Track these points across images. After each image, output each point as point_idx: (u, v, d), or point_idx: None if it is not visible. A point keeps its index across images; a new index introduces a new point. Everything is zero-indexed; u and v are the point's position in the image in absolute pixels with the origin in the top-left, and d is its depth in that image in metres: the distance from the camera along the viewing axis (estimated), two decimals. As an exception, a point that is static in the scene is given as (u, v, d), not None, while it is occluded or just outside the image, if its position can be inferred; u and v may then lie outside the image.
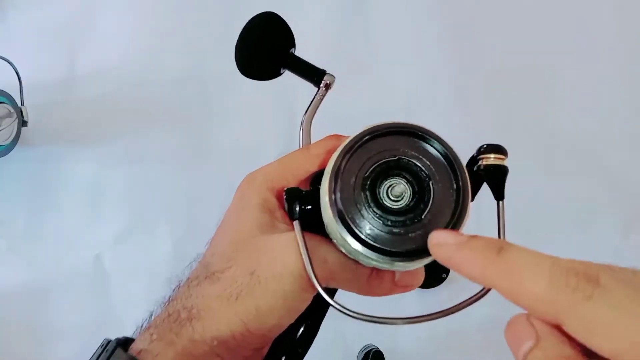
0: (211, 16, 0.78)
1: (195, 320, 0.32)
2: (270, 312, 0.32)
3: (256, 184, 0.35)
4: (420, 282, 0.35)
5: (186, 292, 0.34)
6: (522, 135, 0.71)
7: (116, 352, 0.32)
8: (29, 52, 0.77)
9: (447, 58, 0.75)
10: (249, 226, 0.34)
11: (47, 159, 0.73)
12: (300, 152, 0.37)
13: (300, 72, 0.39)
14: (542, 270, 0.21)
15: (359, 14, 0.77)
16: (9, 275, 0.69)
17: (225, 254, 0.34)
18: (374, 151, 0.30)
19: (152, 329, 0.33)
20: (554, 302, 0.20)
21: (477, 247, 0.23)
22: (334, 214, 0.28)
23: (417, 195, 0.29)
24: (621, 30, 0.76)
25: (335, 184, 0.29)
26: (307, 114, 0.39)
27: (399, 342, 0.64)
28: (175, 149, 0.73)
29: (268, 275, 0.32)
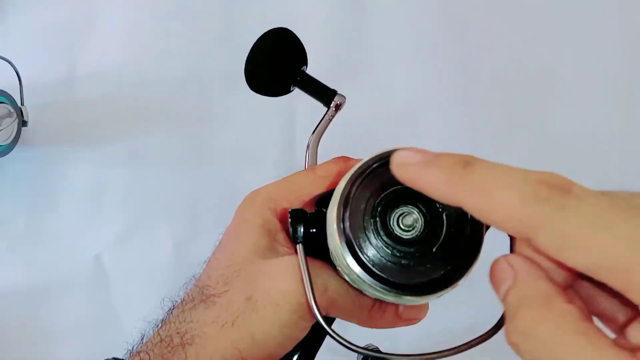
0: (211, 16, 0.78)
1: (188, 346, 0.31)
2: (267, 341, 0.30)
3: (257, 204, 0.34)
4: (425, 314, 0.34)
5: (180, 315, 0.33)
6: (522, 136, 0.71)
7: None
8: (29, 52, 0.77)
9: (448, 59, 0.75)
10: (247, 249, 0.32)
11: (47, 159, 0.73)
12: (306, 173, 0.35)
13: (311, 91, 0.39)
14: (513, 183, 0.20)
15: (359, 15, 0.77)
16: (9, 276, 0.69)
17: (222, 277, 0.32)
18: (386, 178, 0.28)
19: (144, 355, 0.32)
20: (525, 216, 0.19)
21: (443, 163, 0.21)
22: (342, 242, 0.27)
23: (430, 225, 0.28)
24: (622, 30, 0.76)
25: (344, 211, 0.28)
26: (314, 134, 0.38)
27: (399, 342, 0.64)
28: (175, 149, 0.73)
29: (265, 302, 0.30)
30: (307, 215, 0.31)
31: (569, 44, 0.75)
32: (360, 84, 0.73)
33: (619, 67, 0.74)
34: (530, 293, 0.20)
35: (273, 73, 0.39)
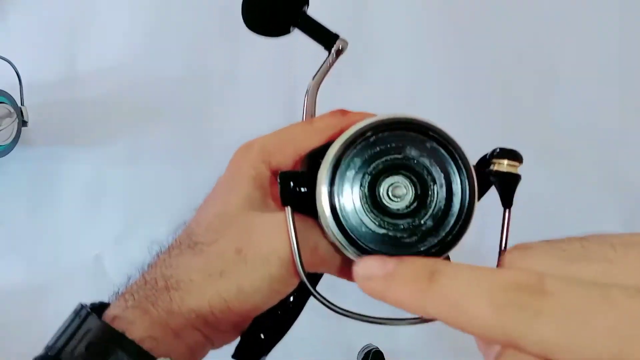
0: (211, 16, 0.78)
1: (173, 290, 0.31)
2: (254, 293, 0.30)
3: (252, 155, 0.34)
4: None
5: (167, 260, 0.32)
6: (522, 133, 0.71)
7: (89, 319, 0.30)
8: (29, 52, 0.77)
9: (449, 55, 0.75)
10: (239, 200, 0.32)
11: (47, 158, 0.73)
12: (302, 125, 0.34)
13: (311, 33, 0.37)
14: (482, 292, 0.19)
15: (359, 11, 0.77)
16: (9, 275, 0.69)
17: (212, 226, 0.32)
18: (379, 146, 0.27)
19: (128, 295, 0.32)
20: (501, 327, 0.18)
21: (406, 277, 0.21)
22: (327, 207, 0.27)
23: (419, 198, 0.27)
24: (623, 28, 0.76)
25: (333, 176, 0.27)
26: (314, 80, 0.36)
27: (399, 342, 0.64)
28: (175, 148, 0.73)
29: (255, 256, 0.30)
30: (297, 176, 0.30)
31: (570, 39, 0.75)
32: (361, 79, 0.73)
33: (620, 64, 0.74)
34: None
35: (272, 10, 0.37)
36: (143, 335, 0.30)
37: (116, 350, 0.29)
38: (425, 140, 0.27)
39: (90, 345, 0.29)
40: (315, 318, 0.65)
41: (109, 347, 0.29)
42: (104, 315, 0.31)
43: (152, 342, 0.30)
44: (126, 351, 0.29)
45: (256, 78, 0.74)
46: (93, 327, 0.30)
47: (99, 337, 0.29)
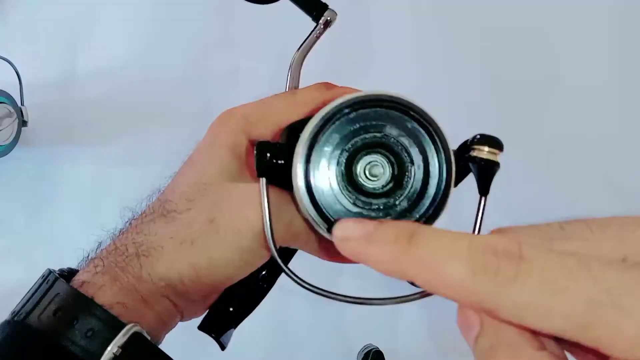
0: (211, 16, 0.78)
1: (143, 257, 0.30)
2: (225, 264, 0.30)
3: (231, 125, 0.33)
4: None
5: (138, 226, 0.32)
6: (521, 135, 0.71)
7: (57, 284, 0.30)
8: (29, 52, 0.77)
9: (447, 58, 0.75)
10: (215, 170, 0.32)
11: (47, 159, 0.73)
12: (285, 97, 0.34)
13: (300, 2, 0.36)
14: (459, 254, 0.19)
15: (358, 13, 0.77)
16: (9, 275, 0.69)
17: (186, 194, 0.32)
18: (358, 122, 0.27)
19: (97, 261, 0.32)
20: (477, 291, 0.18)
21: (386, 237, 0.20)
22: (303, 184, 0.27)
23: (396, 178, 0.27)
24: (621, 31, 0.76)
25: (309, 152, 0.26)
26: (299, 51, 0.35)
27: (399, 342, 0.64)
28: (175, 148, 0.72)
29: (227, 227, 0.30)
30: (275, 148, 0.29)
31: (569, 43, 0.75)
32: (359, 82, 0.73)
33: (618, 67, 0.74)
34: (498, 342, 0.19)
35: None
36: (112, 301, 0.29)
37: (85, 315, 0.28)
38: (406, 119, 0.27)
39: (58, 310, 0.29)
40: (315, 318, 0.65)
41: (77, 312, 0.28)
42: (73, 280, 0.31)
43: (121, 308, 0.29)
44: (94, 316, 0.28)
45: (256, 78, 0.74)
46: (61, 292, 0.29)
47: (67, 302, 0.29)
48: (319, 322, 0.65)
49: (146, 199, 0.34)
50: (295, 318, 0.65)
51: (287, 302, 0.64)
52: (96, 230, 0.72)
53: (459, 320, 0.21)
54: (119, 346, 0.28)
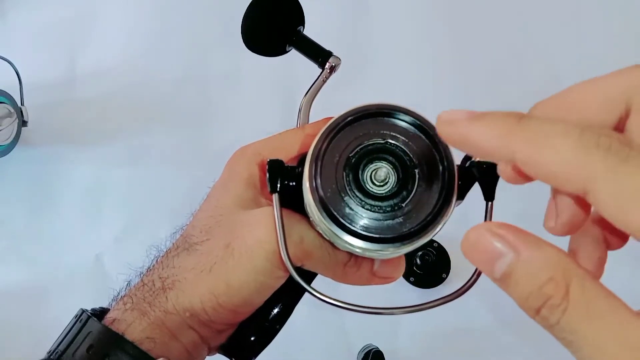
0: (211, 16, 0.78)
1: (169, 290, 0.32)
2: (241, 287, 0.31)
3: (245, 158, 0.35)
4: (400, 274, 0.34)
5: (164, 262, 0.33)
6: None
7: (89, 322, 0.31)
8: (29, 52, 0.77)
9: (450, 56, 0.75)
10: (231, 200, 0.33)
11: (47, 159, 0.73)
12: (295, 131, 0.36)
13: (306, 52, 0.38)
14: (571, 132, 0.18)
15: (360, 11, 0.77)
16: (9, 275, 0.69)
17: (205, 227, 0.33)
18: (359, 133, 0.28)
19: (127, 298, 0.33)
20: (585, 165, 0.17)
21: (494, 117, 0.20)
22: (314, 196, 0.28)
23: (401, 181, 0.28)
24: (622, 31, 0.76)
25: (316, 167, 0.28)
26: (307, 95, 0.37)
27: (399, 342, 0.64)
28: (175, 148, 0.73)
29: (242, 250, 0.31)
30: (286, 167, 0.30)
31: (572, 43, 0.75)
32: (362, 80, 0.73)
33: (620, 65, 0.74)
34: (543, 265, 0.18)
35: (270, 31, 0.39)
36: (141, 337, 0.30)
37: (116, 351, 0.29)
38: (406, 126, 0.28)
39: (90, 347, 0.30)
40: (315, 318, 0.65)
41: (109, 349, 0.30)
42: (105, 319, 0.32)
43: (150, 343, 0.30)
44: (125, 352, 0.29)
45: (256, 79, 0.74)
46: (93, 330, 0.31)
47: (99, 340, 0.30)
48: (319, 322, 0.65)
49: (171, 236, 0.36)
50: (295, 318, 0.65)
51: (287, 302, 0.64)
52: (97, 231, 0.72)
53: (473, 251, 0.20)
54: None
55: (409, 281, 0.64)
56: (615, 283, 0.20)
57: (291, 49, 0.39)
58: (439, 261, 0.64)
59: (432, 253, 0.63)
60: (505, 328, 0.64)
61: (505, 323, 0.64)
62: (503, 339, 0.64)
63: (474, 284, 0.30)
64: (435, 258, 0.63)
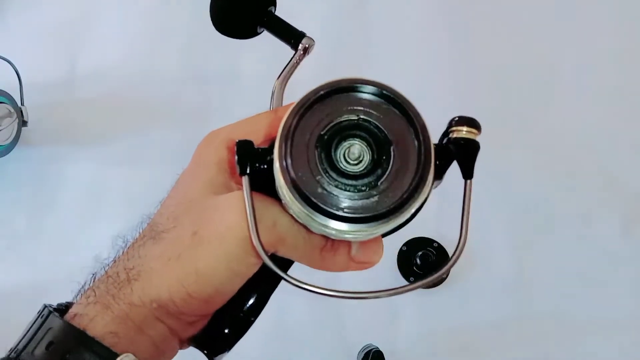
0: (211, 16, 0.78)
1: (134, 281, 0.30)
2: (212, 275, 0.29)
3: (215, 143, 0.33)
4: (379, 258, 0.32)
5: (129, 252, 0.32)
6: (522, 134, 0.71)
7: (50, 318, 0.30)
8: (29, 52, 0.77)
9: (449, 56, 0.75)
10: (200, 185, 0.31)
11: (47, 159, 0.73)
12: (266, 114, 0.34)
13: (278, 33, 0.37)
14: None
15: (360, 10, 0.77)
16: (9, 275, 0.69)
17: (173, 214, 0.31)
18: (331, 109, 0.27)
19: (90, 292, 0.31)
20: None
21: None
22: (284, 175, 0.26)
23: (376, 159, 0.27)
24: (621, 30, 0.76)
25: (286, 146, 0.26)
26: (279, 78, 0.36)
27: (399, 342, 0.64)
28: (175, 148, 0.73)
29: (211, 236, 0.29)
30: (255, 149, 0.29)
31: (572, 41, 0.75)
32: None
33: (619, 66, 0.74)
34: None
35: (239, 12, 0.37)
36: (104, 331, 0.29)
37: (77, 348, 0.28)
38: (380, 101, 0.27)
39: (50, 344, 0.29)
40: (315, 318, 0.65)
41: (69, 346, 0.28)
42: (67, 314, 0.30)
43: (113, 338, 0.29)
44: (87, 349, 0.28)
45: (256, 78, 0.74)
46: (54, 326, 0.29)
47: (59, 336, 0.29)
48: (319, 322, 0.65)
49: (137, 226, 0.34)
50: (295, 318, 0.65)
51: (287, 302, 0.64)
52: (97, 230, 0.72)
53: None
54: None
55: (409, 281, 0.64)
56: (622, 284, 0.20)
57: (263, 31, 0.37)
58: (439, 261, 0.64)
59: (432, 253, 0.63)
60: (506, 328, 0.64)
61: (506, 323, 0.64)
62: (503, 339, 0.64)
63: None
64: (435, 258, 0.63)
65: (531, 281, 0.65)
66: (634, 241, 0.67)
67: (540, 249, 0.66)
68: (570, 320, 0.63)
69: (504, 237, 0.66)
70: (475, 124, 0.27)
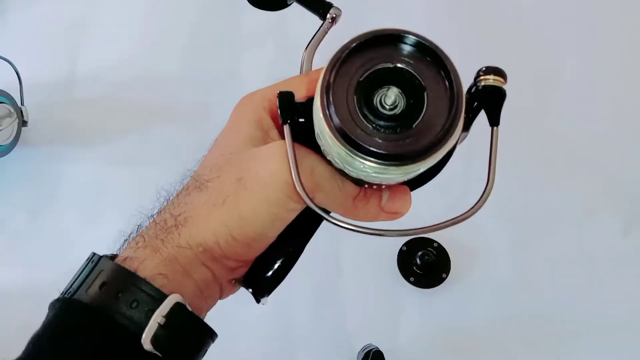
0: (211, 16, 0.78)
1: (181, 226, 0.32)
2: (255, 218, 0.31)
3: (253, 104, 0.35)
4: (408, 209, 0.34)
5: (175, 201, 0.34)
6: (522, 135, 0.71)
7: (101, 262, 0.32)
8: (29, 52, 0.77)
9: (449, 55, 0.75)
10: (241, 139, 0.33)
11: (47, 159, 0.73)
12: (299, 77, 0.36)
13: (307, 4, 0.39)
14: None
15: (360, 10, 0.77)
16: (9, 275, 0.69)
17: (215, 165, 0.33)
18: (366, 59, 0.28)
19: (138, 238, 0.33)
20: None
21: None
22: (328, 123, 0.28)
23: (411, 104, 0.28)
24: (622, 31, 0.76)
25: (327, 96, 0.28)
26: (309, 47, 0.38)
27: (399, 342, 0.64)
28: (175, 148, 0.73)
29: (254, 181, 0.31)
30: (296, 103, 0.31)
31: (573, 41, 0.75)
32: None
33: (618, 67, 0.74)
34: None
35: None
36: (154, 273, 0.30)
37: (129, 287, 0.30)
38: (414, 50, 0.29)
39: (103, 284, 0.30)
40: (315, 318, 0.65)
41: (122, 285, 0.30)
42: (117, 258, 0.32)
43: (162, 279, 0.30)
44: (138, 288, 0.30)
45: (256, 78, 0.74)
46: (105, 268, 0.31)
47: (112, 277, 0.31)
48: (319, 322, 0.65)
49: (181, 180, 0.36)
50: (295, 318, 0.65)
51: (287, 302, 0.64)
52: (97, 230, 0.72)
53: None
54: (162, 315, 0.29)
55: (409, 281, 0.64)
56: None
57: (292, 2, 0.39)
58: (439, 261, 0.64)
59: (432, 253, 0.63)
60: (506, 328, 0.64)
61: (505, 323, 0.64)
62: (503, 339, 0.64)
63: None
64: (435, 258, 0.63)
65: (531, 281, 0.65)
66: (634, 241, 0.67)
67: (540, 249, 0.66)
68: (570, 320, 0.63)
69: (504, 237, 0.66)
70: (502, 73, 0.29)
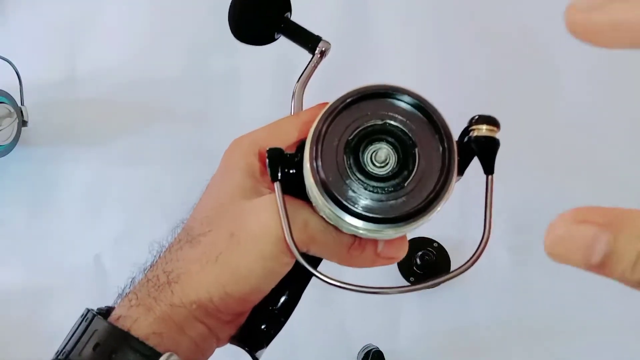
0: (211, 16, 0.78)
1: (174, 284, 0.32)
2: (249, 274, 0.31)
3: (242, 149, 0.35)
4: (404, 254, 0.34)
5: (167, 256, 0.34)
6: (521, 134, 0.71)
7: (95, 321, 0.31)
8: (29, 52, 0.77)
9: (449, 55, 0.75)
10: (231, 190, 0.33)
11: (47, 159, 0.73)
12: (290, 119, 0.36)
13: (295, 38, 0.38)
14: None
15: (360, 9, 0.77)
16: (9, 275, 0.69)
17: (207, 219, 0.33)
18: (358, 115, 0.28)
19: (131, 295, 0.33)
20: None
21: None
22: (316, 179, 0.28)
23: (402, 161, 0.28)
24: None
25: (316, 149, 0.28)
26: (299, 82, 0.38)
27: (399, 342, 0.64)
28: (175, 148, 0.73)
29: (247, 237, 0.31)
30: (286, 155, 0.31)
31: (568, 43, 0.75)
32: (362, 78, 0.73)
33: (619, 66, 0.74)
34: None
35: (257, 19, 0.39)
36: (147, 332, 0.30)
37: (123, 348, 0.29)
38: (404, 106, 0.29)
39: (97, 345, 0.30)
40: (315, 318, 0.65)
41: (115, 346, 0.30)
42: (110, 316, 0.32)
43: (156, 338, 0.30)
44: (132, 348, 0.29)
45: (257, 79, 0.74)
46: (99, 328, 0.31)
47: (105, 337, 0.30)
48: (319, 322, 0.65)
49: (172, 231, 0.36)
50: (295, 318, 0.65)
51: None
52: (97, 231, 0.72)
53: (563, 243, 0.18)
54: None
55: (409, 281, 0.64)
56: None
57: (280, 36, 0.39)
58: (439, 261, 0.64)
59: (432, 253, 0.63)
60: (505, 328, 0.64)
61: (505, 323, 0.64)
62: (503, 339, 0.64)
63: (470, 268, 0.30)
64: (435, 258, 0.63)
65: (531, 281, 0.65)
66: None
67: (540, 250, 0.66)
68: (570, 321, 0.63)
69: (504, 237, 0.66)
70: (495, 122, 0.29)
